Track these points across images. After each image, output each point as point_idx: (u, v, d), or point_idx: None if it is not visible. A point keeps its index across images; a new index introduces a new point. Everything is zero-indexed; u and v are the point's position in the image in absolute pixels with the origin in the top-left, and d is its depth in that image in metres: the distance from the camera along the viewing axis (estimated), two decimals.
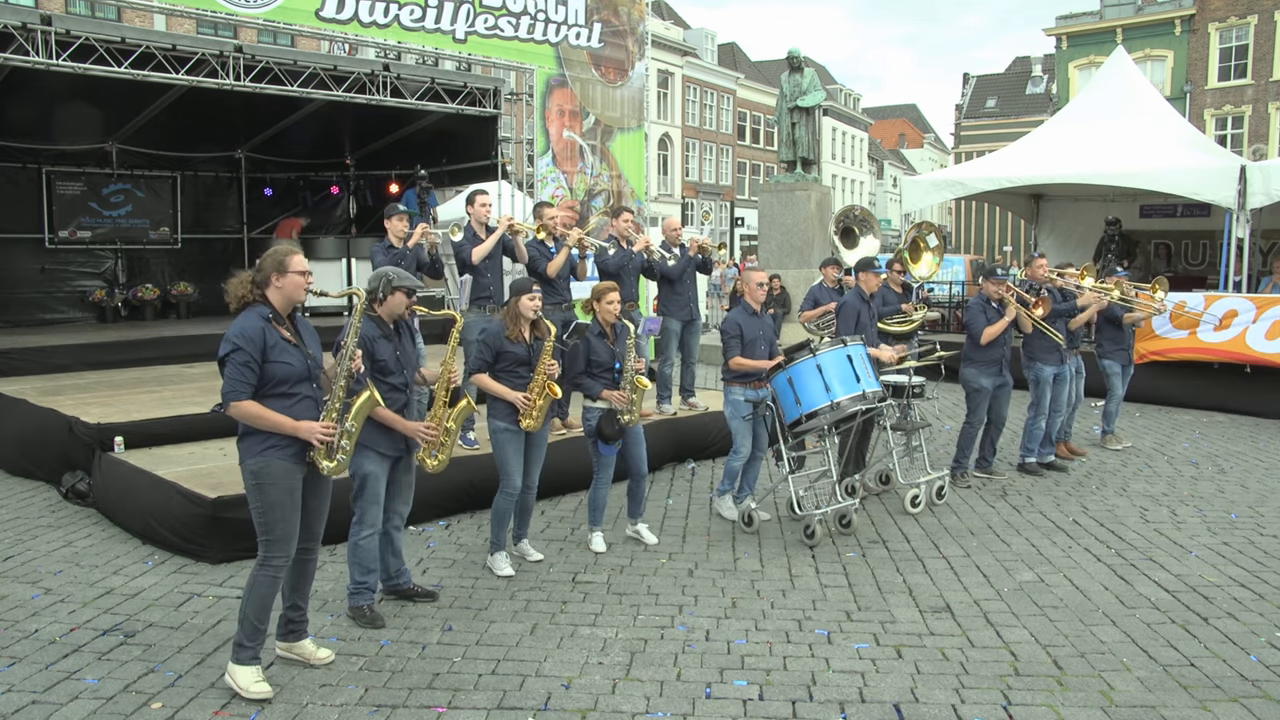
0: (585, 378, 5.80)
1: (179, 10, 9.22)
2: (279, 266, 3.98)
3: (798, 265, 16.27)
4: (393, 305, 4.72)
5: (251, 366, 3.87)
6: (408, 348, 4.84)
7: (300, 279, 4.00)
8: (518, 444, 5.42)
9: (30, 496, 7.22)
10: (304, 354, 4.05)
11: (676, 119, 43.13)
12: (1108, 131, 13.16)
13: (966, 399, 7.66)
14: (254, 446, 3.96)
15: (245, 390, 3.86)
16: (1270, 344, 10.62)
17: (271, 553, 4.01)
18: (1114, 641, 4.63)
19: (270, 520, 3.98)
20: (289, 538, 4.03)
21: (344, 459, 4.12)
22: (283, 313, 4.02)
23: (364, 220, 15.78)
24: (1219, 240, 12.95)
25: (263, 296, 3.99)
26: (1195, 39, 32.48)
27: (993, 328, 7.44)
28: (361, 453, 4.62)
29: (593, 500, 6.02)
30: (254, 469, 3.96)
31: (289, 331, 4.02)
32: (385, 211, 7.28)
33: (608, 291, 5.88)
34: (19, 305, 13.03)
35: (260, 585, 4.02)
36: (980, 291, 7.74)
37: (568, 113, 12.28)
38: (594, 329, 5.91)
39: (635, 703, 3.99)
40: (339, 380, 4.10)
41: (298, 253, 4.07)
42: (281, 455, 3.96)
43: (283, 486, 3.97)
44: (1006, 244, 41.65)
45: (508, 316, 5.43)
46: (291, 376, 3.97)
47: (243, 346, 3.85)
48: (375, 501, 4.73)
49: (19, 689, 4.06)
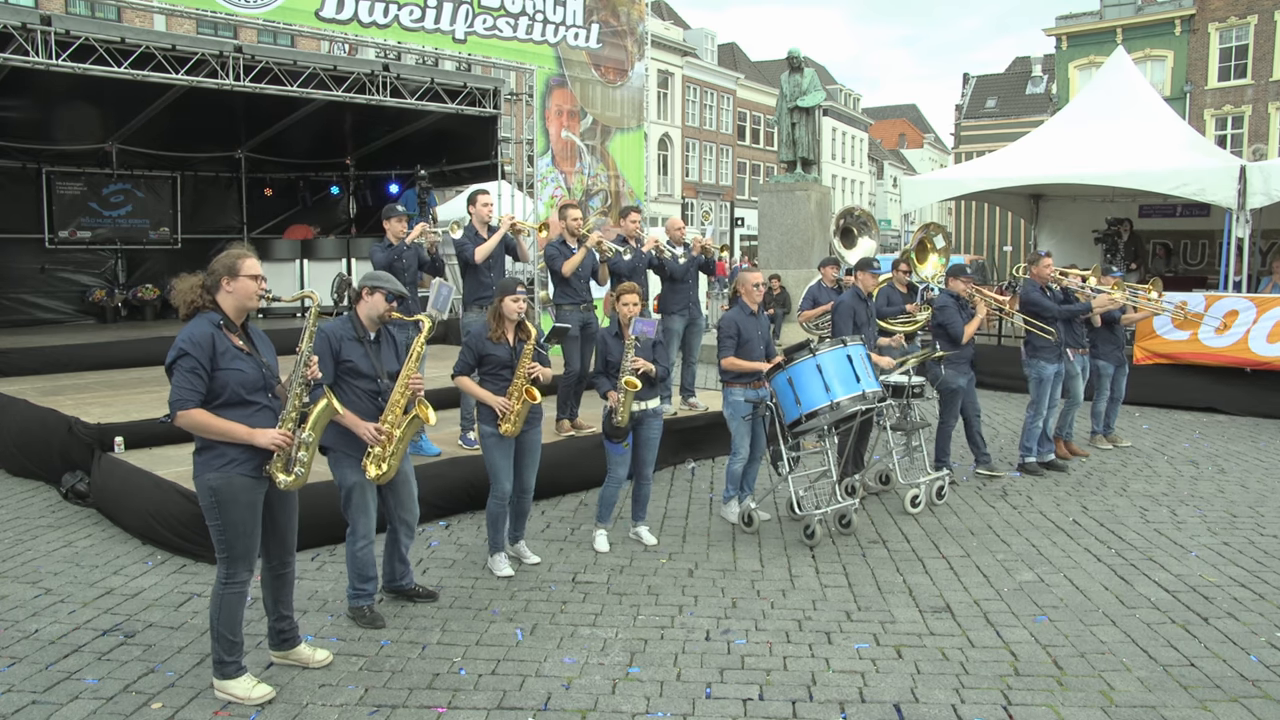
0: (599, 376, 5.86)
1: (179, 10, 9.22)
2: (230, 270, 3.81)
3: (798, 265, 16.28)
4: (370, 307, 4.60)
5: (199, 374, 3.70)
6: (385, 351, 4.70)
7: (252, 284, 3.84)
8: (505, 448, 5.37)
9: (30, 496, 7.22)
10: (258, 362, 3.89)
11: (676, 119, 43.13)
12: (1107, 132, 13.15)
13: (941, 399, 7.72)
14: (212, 462, 3.81)
15: (193, 398, 3.70)
16: (1272, 347, 10.62)
17: (233, 569, 3.89)
18: (1114, 641, 4.63)
19: (231, 537, 3.85)
20: (250, 553, 3.92)
21: (303, 471, 3.92)
22: (235, 319, 3.87)
23: (364, 220, 15.79)
24: (1219, 240, 12.95)
25: (213, 302, 3.82)
26: (1195, 39, 32.47)
27: (969, 326, 7.55)
28: (343, 463, 4.56)
29: (602, 497, 6.03)
30: (213, 485, 3.80)
31: (241, 339, 3.88)
32: (384, 212, 7.26)
33: (627, 292, 5.90)
34: (19, 305, 13.05)
35: (227, 603, 3.91)
36: (944, 290, 7.81)
37: (566, 113, 12.28)
38: (611, 329, 5.94)
39: (635, 703, 3.99)
40: (294, 388, 3.92)
41: (250, 256, 3.89)
42: (242, 470, 3.81)
43: (243, 503, 3.83)
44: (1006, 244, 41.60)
45: (491, 317, 5.38)
46: (246, 385, 3.81)
47: (190, 352, 3.69)
48: (364, 511, 4.67)
49: (19, 689, 4.06)
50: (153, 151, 13.86)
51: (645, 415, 5.94)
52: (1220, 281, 12.45)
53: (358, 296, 4.66)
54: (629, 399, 5.68)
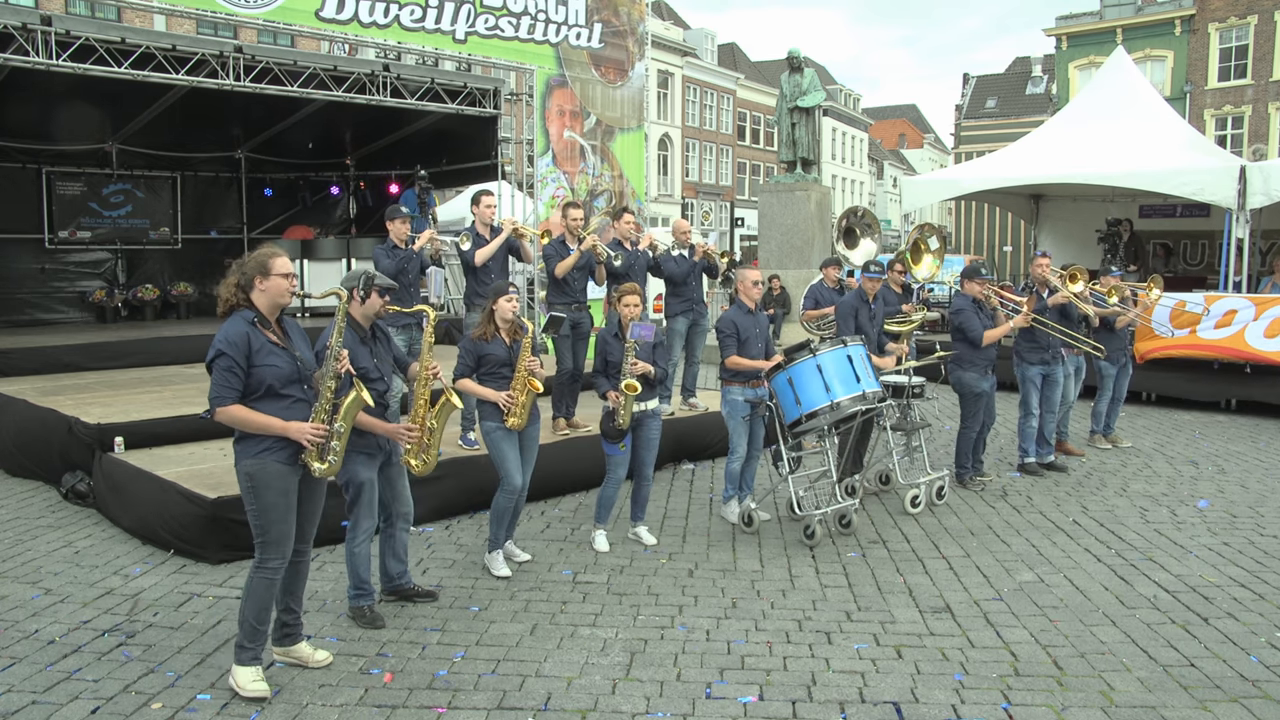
0: (598, 376, 5.87)
1: (179, 10, 9.22)
2: (262, 269, 3.96)
3: (798, 265, 16.29)
4: (370, 306, 4.65)
5: (236, 371, 3.86)
6: (383, 350, 4.77)
7: (284, 282, 3.98)
8: (512, 441, 5.41)
9: (30, 496, 7.22)
10: (292, 356, 4.03)
11: (676, 119, 43.13)
12: (1107, 132, 13.17)
13: (962, 403, 7.61)
14: (249, 449, 3.97)
15: (230, 395, 3.86)
16: (1270, 342, 10.62)
17: (267, 555, 4.02)
18: (1114, 641, 4.63)
19: (266, 523, 3.99)
20: (284, 539, 4.03)
21: (335, 460, 4.08)
22: (269, 315, 4.01)
23: (364, 220, 15.79)
24: (1218, 240, 12.96)
25: (247, 300, 3.97)
26: (1195, 39, 32.48)
27: (994, 331, 7.41)
28: (351, 460, 4.59)
29: (601, 497, 6.03)
30: (250, 471, 3.97)
31: (275, 334, 4.01)
32: (387, 214, 7.26)
33: (629, 293, 5.91)
34: (19, 305, 13.04)
35: (258, 588, 4.03)
36: (960, 293, 7.73)
37: (568, 113, 12.28)
38: (611, 329, 5.96)
39: (635, 703, 3.99)
40: (325, 381, 4.07)
41: (281, 255, 4.04)
42: (277, 458, 3.96)
43: (278, 489, 3.98)
44: (1006, 244, 41.63)
45: (484, 320, 5.43)
46: (280, 379, 3.95)
47: (227, 352, 3.85)
48: (369, 509, 4.73)
49: (19, 689, 4.07)
50: (153, 152, 13.86)
51: (644, 416, 5.95)
52: (1220, 281, 12.46)
53: (365, 297, 4.67)
54: (630, 402, 5.68)
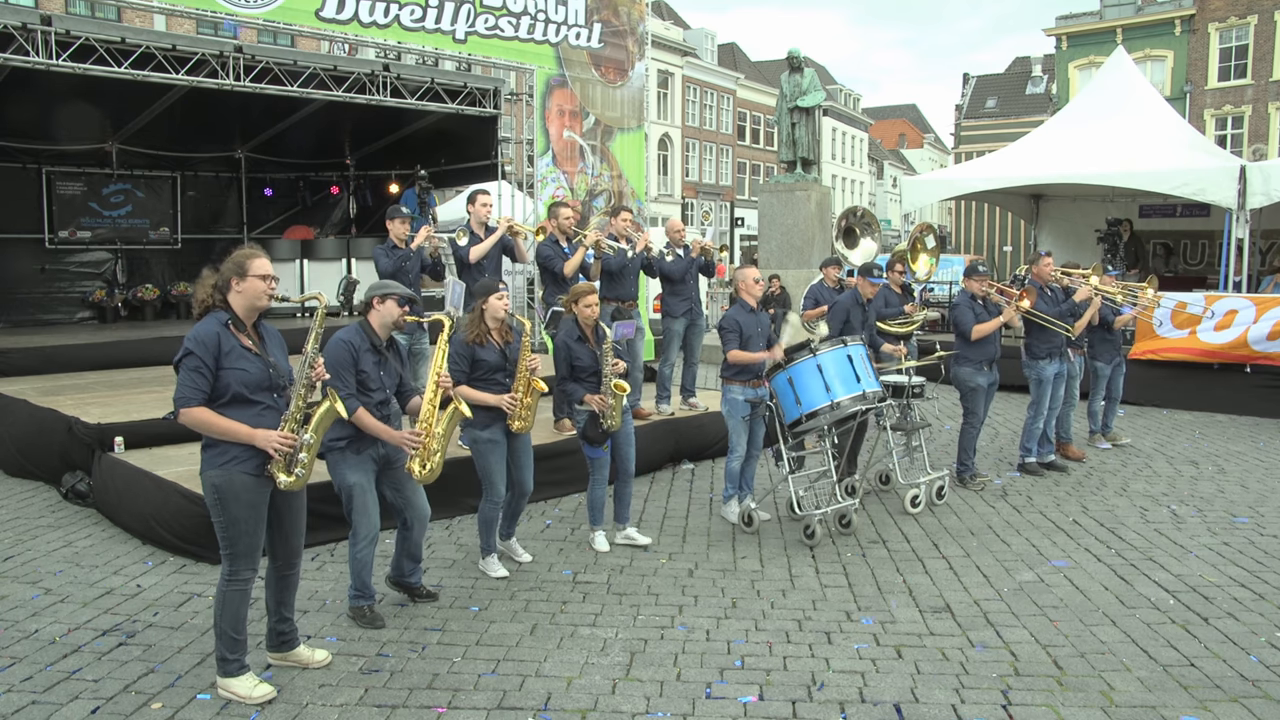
0: (570, 382, 5.72)
1: (179, 10, 9.23)
2: (239, 270, 3.83)
3: (798, 265, 16.28)
4: (385, 314, 4.59)
5: (203, 372, 3.73)
6: (393, 363, 4.69)
7: (261, 284, 3.85)
8: (499, 452, 5.32)
9: (30, 496, 7.22)
10: (265, 362, 3.88)
11: (676, 119, 43.13)
12: (1107, 132, 13.16)
13: (963, 399, 7.63)
14: (215, 459, 3.83)
15: (196, 396, 3.72)
16: (1272, 344, 10.61)
17: (237, 566, 3.90)
18: (1114, 641, 4.63)
19: (234, 535, 3.86)
20: (253, 551, 3.92)
21: (303, 473, 3.92)
22: (245, 318, 3.88)
23: (364, 220, 15.78)
24: (1219, 240, 12.96)
25: (223, 301, 3.85)
26: (1195, 39, 32.47)
27: (983, 325, 7.43)
28: (340, 464, 4.54)
29: (590, 500, 6.01)
30: (216, 482, 3.82)
31: (250, 338, 3.89)
32: (387, 213, 7.26)
33: (586, 294, 5.71)
34: (19, 305, 13.03)
35: (230, 600, 3.92)
36: (962, 290, 7.76)
37: (568, 113, 12.28)
38: (572, 333, 5.73)
39: (635, 703, 3.99)
40: (299, 388, 3.93)
41: (259, 256, 3.91)
42: (244, 469, 3.81)
43: (245, 501, 3.84)
44: (1006, 244, 41.61)
45: (471, 320, 5.26)
46: (249, 385, 3.81)
47: (194, 351, 3.73)
48: (364, 512, 4.63)
49: (19, 689, 4.06)
50: (153, 151, 13.86)
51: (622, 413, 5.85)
52: (1220, 282, 12.45)
53: (368, 306, 4.64)
54: (619, 403, 5.65)
